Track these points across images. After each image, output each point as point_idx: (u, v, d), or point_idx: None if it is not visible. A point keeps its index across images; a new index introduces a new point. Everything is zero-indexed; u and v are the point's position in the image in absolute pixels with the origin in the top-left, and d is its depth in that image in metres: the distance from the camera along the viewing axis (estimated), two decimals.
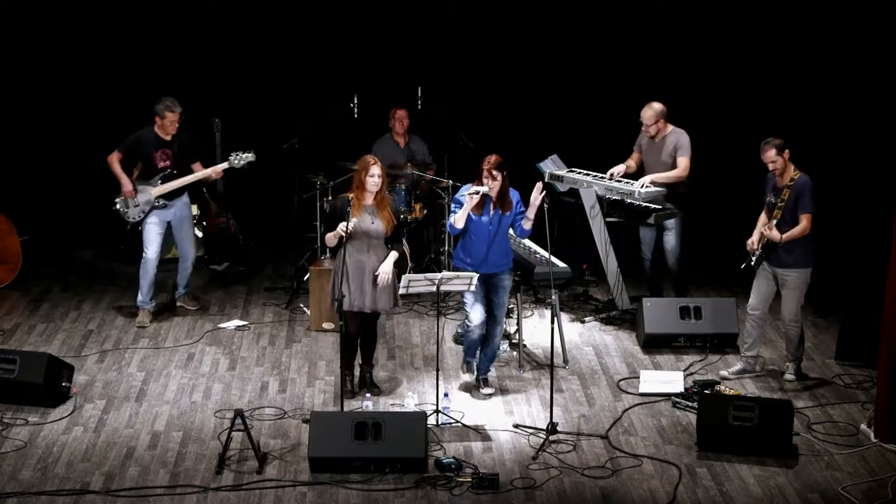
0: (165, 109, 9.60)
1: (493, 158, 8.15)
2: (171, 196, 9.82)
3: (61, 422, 8.04)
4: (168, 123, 9.64)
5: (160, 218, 9.83)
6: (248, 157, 9.85)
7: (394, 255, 8.27)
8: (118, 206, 9.82)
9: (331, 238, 8.21)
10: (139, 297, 9.90)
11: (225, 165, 9.87)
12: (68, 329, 9.80)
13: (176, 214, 9.92)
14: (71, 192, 11.86)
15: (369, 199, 8.22)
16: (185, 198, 9.98)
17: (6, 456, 7.54)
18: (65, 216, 11.93)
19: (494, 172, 8.10)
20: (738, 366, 8.92)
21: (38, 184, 11.87)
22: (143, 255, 9.82)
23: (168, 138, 9.71)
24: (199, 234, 11.49)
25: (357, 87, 11.89)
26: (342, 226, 8.03)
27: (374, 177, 8.17)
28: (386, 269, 8.22)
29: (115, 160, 9.73)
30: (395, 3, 11.94)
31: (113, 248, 11.48)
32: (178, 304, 10.22)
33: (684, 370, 8.94)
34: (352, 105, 11.85)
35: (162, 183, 9.73)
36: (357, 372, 8.55)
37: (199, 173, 9.82)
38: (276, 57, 12.07)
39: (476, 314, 8.38)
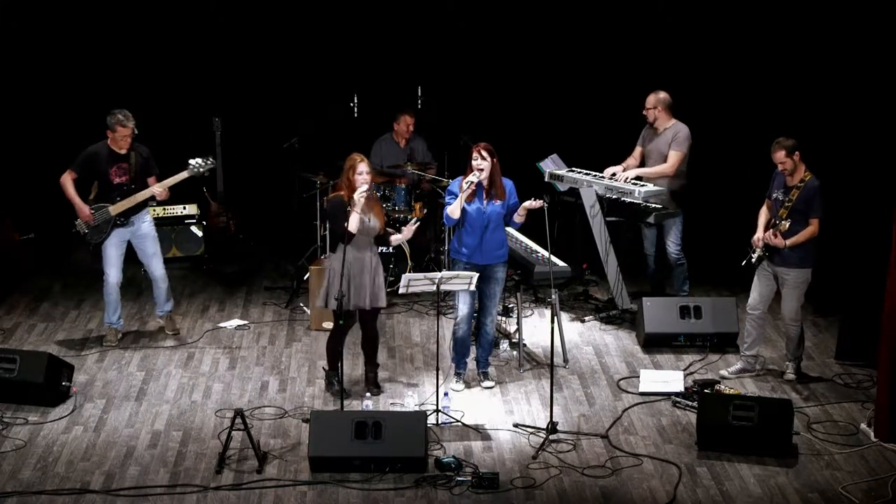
0: (117, 124, 8.96)
1: (482, 144, 8.29)
2: (130, 213, 9.19)
3: (61, 421, 8.04)
4: (119, 138, 9.01)
5: (119, 238, 9.22)
6: (210, 163, 9.21)
7: (405, 234, 8.41)
8: (78, 229, 9.24)
9: (355, 218, 8.08)
10: (105, 318, 9.44)
11: (185, 174, 9.17)
12: (68, 329, 9.80)
13: (136, 233, 9.28)
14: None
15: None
16: (146, 215, 9.36)
17: (6, 455, 7.54)
18: (64, 216, 11.90)
19: (484, 153, 8.21)
20: (737, 365, 8.92)
21: (38, 184, 11.85)
22: (104, 278, 9.26)
23: (123, 152, 9.11)
24: (199, 234, 11.50)
25: (357, 87, 11.89)
26: (361, 192, 8.03)
27: (362, 174, 8.13)
28: (406, 235, 8.36)
29: (68, 182, 9.09)
30: (395, 4, 11.94)
31: None
32: (160, 322, 9.75)
33: (684, 369, 8.94)
34: (352, 105, 11.85)
35: (119, 199, 9.13)
36: (347, 370, 8.53)
37: (148, 190, 9.14)
38: (276, 57, 12.08)
39: (464, 308, 8.43)
